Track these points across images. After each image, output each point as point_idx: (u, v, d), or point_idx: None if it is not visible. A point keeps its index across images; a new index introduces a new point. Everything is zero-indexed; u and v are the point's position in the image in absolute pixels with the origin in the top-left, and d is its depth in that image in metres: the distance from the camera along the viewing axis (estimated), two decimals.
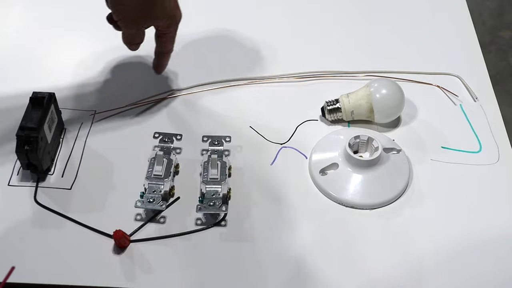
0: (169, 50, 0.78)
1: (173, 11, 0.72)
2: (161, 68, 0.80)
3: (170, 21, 0.72)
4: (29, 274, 0.62)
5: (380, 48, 0.90)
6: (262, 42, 0.89)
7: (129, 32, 0.72)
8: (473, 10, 0.98)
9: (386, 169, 0.70)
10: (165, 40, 0.75)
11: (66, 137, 0.75)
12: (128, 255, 0.64)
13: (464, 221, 0.68)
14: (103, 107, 0.78)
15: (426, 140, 0.76)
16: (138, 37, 0.73)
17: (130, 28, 0.71)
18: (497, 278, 0.63)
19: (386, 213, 0.68)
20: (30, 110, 0.68)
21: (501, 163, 0.74)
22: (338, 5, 0.97)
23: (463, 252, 0.65)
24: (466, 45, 0.90)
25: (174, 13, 0.72)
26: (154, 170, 0.68)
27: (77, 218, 0.66)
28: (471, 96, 0.82)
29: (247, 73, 0.83)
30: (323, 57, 0.87)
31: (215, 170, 0.68)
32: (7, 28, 0.90)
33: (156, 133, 0.73)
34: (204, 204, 0.66)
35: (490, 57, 1.60)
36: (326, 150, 0.73)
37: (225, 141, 0.73)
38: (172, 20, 0.72)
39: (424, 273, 0.63)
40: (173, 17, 0.72)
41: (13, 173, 0.71)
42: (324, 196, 0.70)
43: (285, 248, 0.65)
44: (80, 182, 0.70)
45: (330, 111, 0.77)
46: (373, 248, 0.65)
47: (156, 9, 0.69)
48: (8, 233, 0.65)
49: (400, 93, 0.76)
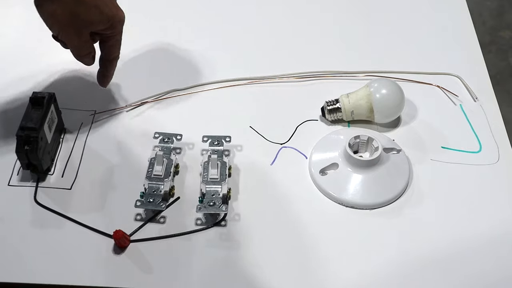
0: (114, 57, 0.74)
1: (111, 12, 0.67)
2: (106, 79, 0.76)
3: (110, 23, 0.68)
4: (29, 274, 0.62)
5: (380, 48, 0.90)
6: (262, 42, 0.89)
7: (72, 44, 0.69)
8: (473, 10, 0.98)
9: (386, 169, 0.70)
10: (109, 45, 0.72)
11: (66, 137, 0.75)
12: (128, 255, 0.64)
13: (464, 221, 0.68)
14: (103, 107, 0.78)
15: (426, 140, 0.76)
16: (84, 48, 0.70)
17: (71, 40, 0.68)
18: (497, 277, 0.63)
19: (386, 213, 0.68)
20: (30, 110, 0.68)
21: (501, 163, 0.74)
22: (338, 5, 0.97)
23: (463, 251, 0.65)
24: (466, 45, 0.90)
25: (112, 14, 0.68)
26: (154, 170, 0.68)
27: (77, 218, 0.66)
28: (471, 96, 0.82)
29: (247, 73, 0.83)
30: (323, 57, 0.87)
31: (215, 170, 0.68)
32: (7, 28, 0.90)
33: (156, 133, 0.73)
34: (204, 204, 0.66)
35: (490, 57, 1.60)
36: (326, 150, 0.73)
37: (225, 141, 0.73)
38: (111, 21, 0.68)
39: (424, 273, 0.63)
40: (111, 18, 0.68)
41: (13, 173, 0.71)
42: (324, 196, 0.70)
43: (285, 248, 0.65)
44: (80, 182, 0.70)
45: (330, 111, 0.77)
46: (373, 248, 0.65)
47: (90, 13, 0.65)
48: (8, 233, 0.65)
49: (400, 93, 0.76)
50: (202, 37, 0.90)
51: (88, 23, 0.67)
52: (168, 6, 0.95)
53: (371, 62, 0.86)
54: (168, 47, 0.88)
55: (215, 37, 0.90)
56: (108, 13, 0.67)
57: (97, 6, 0.66)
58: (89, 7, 0.65)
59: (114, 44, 0.72)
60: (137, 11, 0.94)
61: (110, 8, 0.67)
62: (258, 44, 0.89)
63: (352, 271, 0.63)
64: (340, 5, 0.97)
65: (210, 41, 0.90)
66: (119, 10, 0.69)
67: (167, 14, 0.94)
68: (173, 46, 0.88)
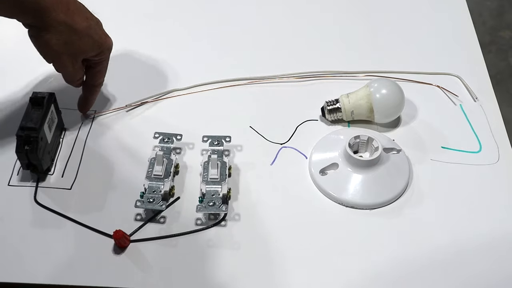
0: (99, 83, 0.76)
1: (101, 39, 0.70)
2: (88, 106, 0.77)
3: (100, 50, 0.71)
4: (29, 274, 0.62)
5: (380, 48, 0.90)
6: (262, 42, 0.89)
7: (67, 71, 0.71)
8: (473, 10, 0.98)
9: (386, 169, 0.70)
10: (96, 71, 0.74)
11: (66, 137, 0.75)
12: (128, 255, 0.64)
13: (464, 221, 0.68)
14: (103, 107, 0.78)
15: (426, 140, 0.76)
16: (77, 74, 0.72)
17: (66, 67, 0.70)
18: (497, 277, 0.63)
19: (386, 213, 0.68)
20: (30, 110, 0.68)
21: (501, 163, 0.74)
22: (338, 5, 0.97)
23: (463, 251, 0.65)
24: (466, 45, 0.90)
25: (102, 41, 0.70)
26: (154, 170, 0.68)
27: (77, 218, 0.66)
28: (471, 96, 0.82)
29: (247, 73, 0.83)
30: (323, 57, 0.87)
31: (215, 170, 0.68)
32: (7, 28, 0.90)
33: (156, 133, 0.73)
34: (204, 204, 0.66)
35: (490, 57, 1.60)
36: (326, 150, 0.73)
37: (225, 141, 0.73)
38: (101, 48, 0.71)
39: (424, 273, 0.63)
40: (101, 45, 0.70)
41: (13, 173, 0.71)
42: (324, 196, 0.70)
43: (285, 248, 0.65)
44: (80, 182, 0.70)
45: (330, 111, 0.77)
46: (373, 248, 0.65)
47: (83, 41, 0.68)
48: (8, 233, 0.65)
49: (400, 93, 0.76)
50: (202, 37, 0.90)
51: (82, 51, 0.69)
52: (168, 6, 0.95)
53: (371, 62, 0.86)
54: (168, 47, 0.88)
55: (215, 37, 0.90)
56: (98, 41, 0.70)
57: (89, 34, 0.69)
58: (82, 36, 0.68)
59: (101, 70, 0.74)
60: (138, 11, 0.94)
61: (100, 36, 0.70)
62: (258, 44, 0.89)
63: (352, 271, 0.63)
64: (340, 5, 0.97)
65: (210, 41, 0.90)
66: (108, 38, 0.72)
67: (167, 14, 0.94)
68: (173, 46, 0.88)
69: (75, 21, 0.67)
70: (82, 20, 0.68)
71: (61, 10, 0.66)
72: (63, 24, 0.66)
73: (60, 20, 0.66)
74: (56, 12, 0.65)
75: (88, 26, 0.68)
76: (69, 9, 0.67)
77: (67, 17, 0.66)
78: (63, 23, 0.66)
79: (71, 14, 0.67)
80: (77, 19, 0.67)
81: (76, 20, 0.67)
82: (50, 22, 0.65)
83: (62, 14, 0.66)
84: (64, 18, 0.66)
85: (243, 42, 0.89)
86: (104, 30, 0.71)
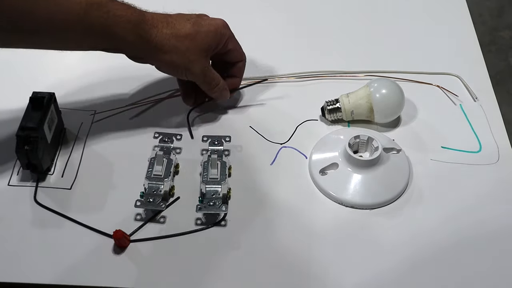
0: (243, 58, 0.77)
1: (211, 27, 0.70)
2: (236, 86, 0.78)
3: (219, 36, 0.71)
4: (29, 274, 0.62)
5: (380, 48, 0.90)
6: (262, 42, 0.89)
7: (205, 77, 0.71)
8: (473, 10, 0.98)
9: (386, 169, 0.70)
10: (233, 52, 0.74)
11: (66, 137, 0.75)
12: (128, 255, 0.64)
13: (464, 221, 0.68)
14: (103, 107, 0.78)
15: (426, 140, 0.76)
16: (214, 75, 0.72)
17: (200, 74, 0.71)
18: (497, 277, 0.63)
19: (386, 213, 0.68)
20: (30, 110, 0.68)
21: (501, 163, 0.74)
22: (338, 5, 0.97)
23: (462, 252, 0.65)
24: (466, 45, 0.90)
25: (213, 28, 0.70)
26: (154, 170, 0.68)
27: (77, 218, 0.66)
28: (471, 96, 0.82)
29: (247, 73, 0.83)
30: (323, 57, 0.87)
31: (215, 170, 0.68)
32: None
33: (156, 133, 0.73)
34: (204, 204, 0.66)
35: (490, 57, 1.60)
36: (326, 150, 0.73)
37: (225, 141, 0.73)
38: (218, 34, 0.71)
39: (424, 273, 0.63)
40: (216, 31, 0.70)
41: (13, 173, 0.71)
42: (324, 196, 0.70)
43: (285, 248, 0.65)
44: (80, 182, 0.70)
45: (330, 111, 0.77)
46: (373, 248, 0.65)
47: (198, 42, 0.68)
48: (8, 233, 0.65)
49: (400, 93, 0.76)
50: None
51: (204, 49, 0.69)
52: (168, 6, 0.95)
53: (371, 62, 0.86)
54: None
55: None
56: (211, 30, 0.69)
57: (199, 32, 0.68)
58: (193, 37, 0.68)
59: (235, 48, 0.74)
60: None
61: (208, 25, 0.70)
62: (258, 44, 0.89)
63: (352, 271, 0.63)
64: (340, 5, 0.97)
65: None
66: (217, 20, 0.71)
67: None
68: None
69: (179, 28, 0.67)
70: (184, 24, 0.68)
71: (163, 27, 0.66)
72: (172, 37, 0.66)
73: (167, 36, 0.66)
74: (158, 28, 0.66)
75: (192, 25, 0.68)
76: (168, 21, 0.67)
77: (171, 30, 0.67)
78: (171, 37, 0.66)
79: (171, 25, 0.67)
80: (179, 26, 0.67)
81: (179, 27, 0.67)
82: (159, 42, 0.66)
83: (165, 30, 0.66)
84: (169, 32, 0.66)
85: (243, 42, 0.89)
86: (208, 16, 0.71)
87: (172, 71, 0.71)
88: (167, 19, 0.67)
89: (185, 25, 0.68)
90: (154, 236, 0.65)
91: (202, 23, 0.69)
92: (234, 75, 0.77)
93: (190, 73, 0.70)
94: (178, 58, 0.68)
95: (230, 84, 0.76)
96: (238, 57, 0.76)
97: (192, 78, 0.71)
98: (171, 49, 0.67)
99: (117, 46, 0.66)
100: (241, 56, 0.76)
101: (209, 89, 0.73)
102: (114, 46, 0.66)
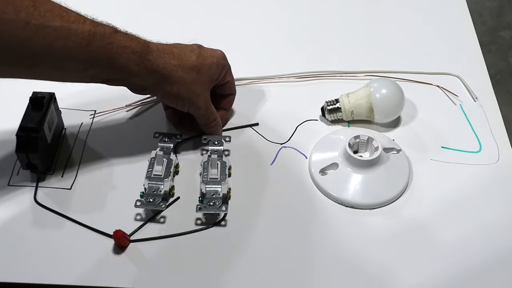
0: (234, 92, 0.76)
1: (213, 58, 0.69)
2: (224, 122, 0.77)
3: (220, 68, 0.70)
4: (29, 274, 0.62)
5: (380, 48, 0.90)
6: (262, 42, 0.89)
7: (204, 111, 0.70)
8: (473, 10, 0.98)
9: (386, 169, 0.70)
10: (227, 84, 0.74)
11: (66, 137, 0.75)
12: (128, 255, 0.64)
13: (464, 221, 0.68)
14: (103, 107, 0.78)
15: (426, 140, 0.76)
16: (212, 109, 0.72)
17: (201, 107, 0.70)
18: (497, 277, 0.63)
19: (386, 213, 0.68)
20: (30, 110, 0.68)
21: (501, 163, 0.74)
22: (338, 5, 0.97)
23: (462, 252, 0.65)
24: (466, 45, 0.90)
25: (215, 60, 0.70)
26: (154, 170, 0.68)
27: (77, 218, 0.66)
28: (471, 96, 0.82)
29: (247, 73, 0.83)
30: (323, 57, 0.87)
31: (215, 170, 0.68)
32: None
33: (156, 133, 0.73)
34: (204, 204, 0.66)
35: (490, 57, 1.60)
36: (326, 150, 0.73)
37: (225, 141, 0.73)
38: (220, 66, 0.70)
39: (424, 273, 0.63)
40: (218, 62, 0.70)
41: (13, 173, 0.71)
42: (324, 196, 0.70)
43: (285, 248, 0.65)
44: (80, 182, 0.70)
45: (330, 111, 0.77)
46: (373, 248, 0.65)
47: (203, 73, 0.68)
48: (8, 233, 0.65)
49: (400, 93, 0.76)
50: (201, 37, 0.89)
51: (207, 81, 0.69)
52: (168, 6, 0.95)
53: (371, 62, 0.86)
54: None
55: (214, 37, 0.90)
56: (213, 62, 0.69)
57: (203, 64, 0.68)
58: (199, 69, 0.67)
59: (230, 80, 0.74)
60: (138, 10, 0.94)
61: (210, 57, 0.69)
62: (258, 44, 0.89)
63: (352, 271, 0.63)
64: (340, 5, 0.97)
65: (210, 41, 0.89)
66: (217, 51, 0.71)
67: (166, 13, 0.94)
68: None
69: (185, 60, 0.66)
70: (189, 55, 0.67)
71: (169, 58, 0.65)
72: (179, 68, 0.66)
73: (175, 67, 0.65)
74: (165, 59, 0.65)
75: (197, 57, 0.67)
76: (173, 52, 0.66)
77: (178, 61, 0.66)
78: (179, 68, 0.65)
79: (178, 56, 0.66)
80: (185, 58, 0.67)
81: (185, 59, 0.66)
82: (166, 73, 0.65)
83: (172, 61, 0.65)
84: (176, 63, 0.65)
85: (243, 42, 0.89)
86: (207, 48, 0.70)
87: (175, 102, 0.69)
88: (172, 50, 0.66)
89: (191, 56, 0.67)
90: (154, 236, 0.65)
91: (205, 55, 0.69)
92: (224, 108, 0.76)
93: (194, 106, 0.69)
94: (185, 90, 0.67)
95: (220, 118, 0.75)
96: (232, 89, 0.75)
97: (193, 111, 0.70)
98: (178, 80, 0.66)
99: (120, 77, 0.64)
100: (234, 89, 0.75)
101: (207, 124, 0.72)
102: (118, 77, 0.64)
